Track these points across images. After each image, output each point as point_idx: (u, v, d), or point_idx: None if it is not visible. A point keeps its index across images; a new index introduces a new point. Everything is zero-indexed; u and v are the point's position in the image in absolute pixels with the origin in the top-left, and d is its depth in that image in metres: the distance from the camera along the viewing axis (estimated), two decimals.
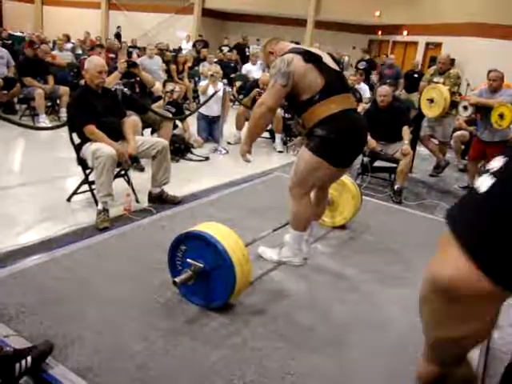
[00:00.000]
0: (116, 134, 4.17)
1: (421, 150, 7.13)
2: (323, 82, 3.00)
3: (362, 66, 12.21)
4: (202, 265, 2.67)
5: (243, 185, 5.33)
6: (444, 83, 6.29)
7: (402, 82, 11.42)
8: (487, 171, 0.61)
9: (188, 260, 2.71)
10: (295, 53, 3.04)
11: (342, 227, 4.26)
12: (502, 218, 0.56)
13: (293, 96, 3.08)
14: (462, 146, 7.47)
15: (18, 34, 15.10)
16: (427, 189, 6.17)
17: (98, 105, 4.10)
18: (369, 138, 5.53)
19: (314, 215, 3.56)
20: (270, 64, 3.23)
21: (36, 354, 2.08)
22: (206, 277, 2.69)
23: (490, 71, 5.85)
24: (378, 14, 16.89)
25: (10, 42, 11.97)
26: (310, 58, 3.02)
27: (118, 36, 17.82)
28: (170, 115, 6.21)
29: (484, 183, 0.59)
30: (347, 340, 2.62)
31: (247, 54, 13.87)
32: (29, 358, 2.03)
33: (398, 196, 5.36)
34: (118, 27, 18.96)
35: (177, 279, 2.62)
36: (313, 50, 3.17)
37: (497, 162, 0.60)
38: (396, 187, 5.40)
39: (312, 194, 3.49)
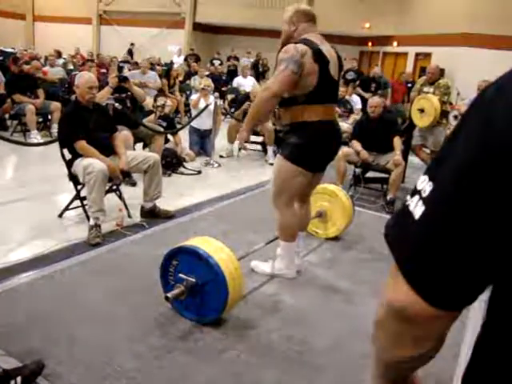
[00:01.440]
0: (107, 149, 4.16)
1: (413, 159, 7.15)
2: (314, 86, 2.96)
3: (349, 76, 12.12)
4: (194, 279, 2.66)
5: (236, 198, 5.33)
6: (434, 93, 6.34)
7: (389, 91, 11.45)
8: (419, 192, 0.63)
9: (180, 275, 2.69)
10: (309, 47, 2.93)
11: (335, 239, 4.26)
12: (433, 246, 0.59)
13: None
14: None
15: (10, 50, 15.10)
16: None
17: (89, 120, 4.09)
18: (360, 148, 5.56)
19: (302, 224, 3.54)
20: (283, 32, 3.16)
21: (26, 373, 2.05)
22: (199, 291, 2.68)
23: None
24: (367, 25, 17.03)
25: (1, 58, 11.97)
26: (319, 59, 2.94)
27: (130, 53, 17.54)
28: (162, 129, 6.21)
29: (417, 209, 0.61)
30: (342, 353, 2.61)
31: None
32: (18, 379, 2.01)
33: (391, 206, 5.36)
34: (132, 44, 18.72)
35: (169, 294, 2.61)
36: (325, 49, 3.03)
37: (425, 185, 0.62)
38: (389, 198, 5.40)
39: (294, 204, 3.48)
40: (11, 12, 22.37)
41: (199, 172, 6.40)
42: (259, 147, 7.79)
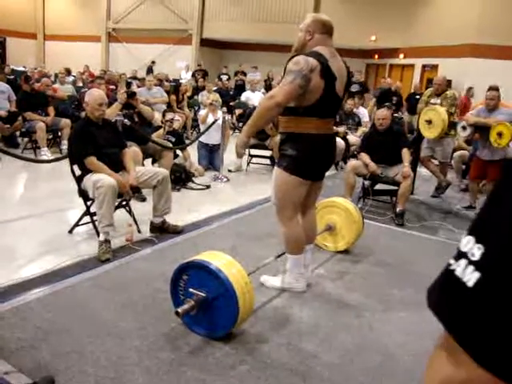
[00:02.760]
0: (117, 164, 4.20)
1: (421, 171, 7.14)
2: (316, 100, 2.97)
3: (354, 88, 12.13)
4: (204, 294, 2.66)
5: (245, 212, 5.33)
6: (441, 104, 6.34)
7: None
8: (465, 255, 0.58)
9: (190, 289, 2.69)
10: (319, 61, 2.95)
11: (345, 252, 4.25)
12: (498, 317, 0.54)
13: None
14: (463, 166, 7.49)
15: (21, 68, 15.32)
16: (429, 210, 6.15)
17: (98, 136, 4.13)
18: (369, 161, 5.56)
19: (308, 237, 3.52)
20: (298, 39, 3.18)
21: None
22: (209, 306, 2.67)
23: (489, 88, 5.90)
24: (373, 38, 17.12)
25: (12, 76, 12.13)
26: (326, 75, 2.95)
27: (150, 70, 17.56)
28: (171, 145, 6.25)
29: (468, 275, 0.56)
30: (352, 367, 2.59)
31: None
32: None
33: (400, 218, 5.34)
34: (153, 62, 18.81)
35: (179, 309, 2.60)
36: (335, 65, 3.05)
37: (473, 248, 0.57)
38: (398, 210, 5.38)
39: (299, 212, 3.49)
40: (23, 32, 22.77)
41: (208, 187, 6.42)
42: (267, 161, 7.81)
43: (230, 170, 7.39)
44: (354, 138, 8.07)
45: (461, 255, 0.59)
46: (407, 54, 16.59)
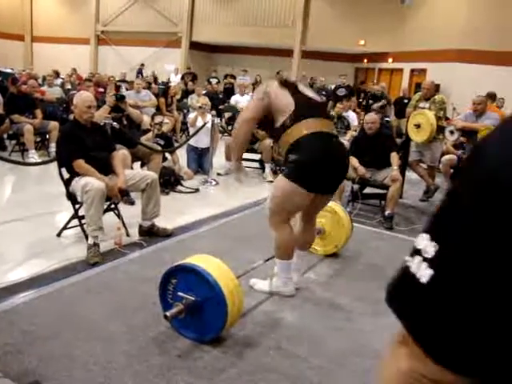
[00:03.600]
0: (105, 168, 4.17)
1: (410, 175, 7.18)
2: (294, 106, 3.11)
3: (340, 92, 12.16)
4: (193, 298, 2.65)
5: (234, 216, 5.33)
6: (429, 109, 6.39)
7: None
8: (419, 252, 0.59)
9: (179, 293, 2.68)
10: (275, 79, 3.33)
11: (334, 255, 4.26)
12: (448, 313, 0.56)
13: (269, 122, 3.24)
14: (451, 170, 7.54)
15: (8, 70, 15.20)
16: (418, 214, 6.19)
17: (87, 139, 4.11)
18: (358, 164, 5.58)
19: (303, 244, 3.55)
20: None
21: None
22: (198, 309, 2.67)
23: (487, 95, 5.98)
24: (362, 42, 17.22)
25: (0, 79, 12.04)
26: (285, 83, 3.20)
27: (140, 72, 17.38)
28: (159, 148, 6.23)
29: (422, 272, 0.57)
30: (342, 371, 2.59)
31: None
32: None
33: (389, 222, 5.37)
34: (142, 65, 18.72)
35: (168, 313, 2.59)
36: (291, 80, 3.39)
37: (427, 245, 0.58)
38: (387, 213, 5.41)
39: (298, 223, 3.50)
40: (10, 33, 22.59)
41: (197, 190, 6.40)
42: (257, 165, 7.81)
43: (219, 174, 7.37)
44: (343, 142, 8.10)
45: (416, 252, 0.60)
46: (396, 58, 16.72)
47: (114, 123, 5.47)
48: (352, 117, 9.39)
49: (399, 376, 0.62)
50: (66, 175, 4.17)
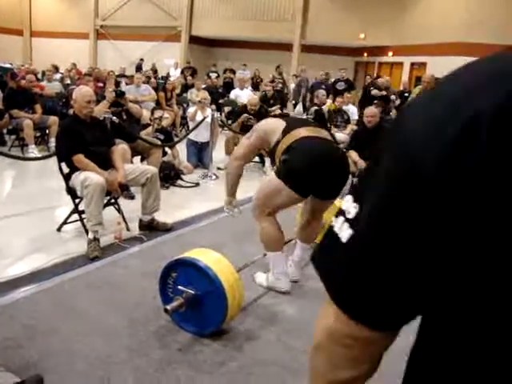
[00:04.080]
0: (105, 162, 4.17)
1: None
2: (284, 124, 3.24)
3: (340, 86, 12.09)
4: (193, 291, 2.65)
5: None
6: None
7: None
8: (343, 213, 0.61)
9: (179, 287, 2.69)
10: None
11: None
12: (362, 269, 0.58)
13: (267, 149, 3.41)
14: None
15: (7, 65, 15.16)
16: None
17: (86, 134, 4.10)
18: (358, 158, 5.58)
19: (306, 237, 3.55)
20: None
21: None
22: (198, 303, 2.67)
23: None
24: (362, 36, 17.17)
25: None
26: (277, 115, 3.40)
27: (139, 68, 17.28)
28: (159, 142, 6.23)
29: (343, 232, 0.60)
30: None
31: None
32: None
33: None
34: (141, 60, 18.62)
35: (168, 307, 2.60)
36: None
37: (350, 207, 0.60)
38: None
39: (304, 216, 3.51)
40: (9, 28, 22.52)
41: (197, 184, 6.41)
42: (257, 158, 7.80)
43: (219, 168, 7.37)
44: (342, 136, 8.08)
45: (340, 213, 0.62)
46: (396, 51, 16.67)
47: (114, 118, 5.46)
48: (352, 110, 9.35)
49: (326, 333, 0.66)
50: (66, 170, 4.17)
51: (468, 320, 0.55)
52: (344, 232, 0.60)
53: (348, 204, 0.61)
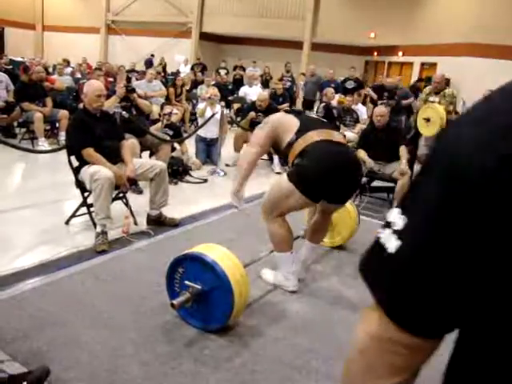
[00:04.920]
0: (114, 156, 4.19)
1: (419, 169, 7.13)
2: (298, 124, 3.17)
3: (349, 85, 12.04)
4: (199, 286, 2.66)
5: (242, 206, 5.32)
6: (439, 102, 6.36)
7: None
8: (389, 224, 0.63)
9: (186, 282, 2.70)
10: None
11: (341, 247, 4.26)
12: (410, 281, 0.60)
13: (278, 146, 3.29)
14: None
15: (19, 59, 15.25)
16: None
17: (96, 128, 4.12)
18: (366, 157, 5.57)
19: (313, 236, 3.56)
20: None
21: (32, 379, 2.05)
22: (205, 299, 2.68)
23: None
24: (373, 35, 17.08)
25: (10, 67, 12.08)
26: (290, 111, 3.39)
27: (150, 63, 17.21)
28: (168, 138, 6.24)
29: (390, 243, 0.62)
30: None
31: None
32: None
33: None
34: (152, 55, 18.57)
35: (174, 302, 2.61)
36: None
37: (397, 219, 0.62)
38: (395, 207, 5.38)
39: (315, 214, 3.51)
40: (21, 22, 22.64)
41: (205, 180, 6.42)
42: (265, 156, 7.80)
43: (227, 165, 7.38)
44: (351, 135, 8.07)
45: (387, 225, 0.64)
46: (406, 51, 16.58)
47: (124, 112, 5.48)
48: (361, 110, 9.33)
49: (369, 339, 0.67)
50: (76, 163, 4.19)
51: (507, 335, 0.57)
52: (391, 243, 0.62)
53: (395, 216, 0.63)
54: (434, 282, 0.59)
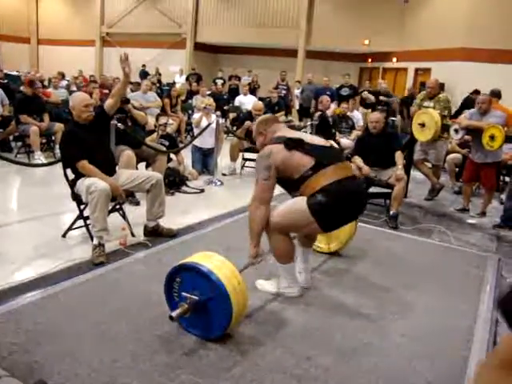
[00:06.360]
0: (110, 168, 4.19)
1: (415, 174, 7.16)
2: (312, 160, 3.09)
3: (344, 92, 12.09)
4: (197, 297, 2.66)
5: (239, 215, 5.32)
6: (434, 107, 6.38)
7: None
8: None
9: (183, 293, 2.69)
10: (277, 143, 3.18)
11: (339, 255, 4.25)
12: None
13: (284, 178, 3.19)
14: (456, 169, 7.53)
15: (14, 73, 15.28)
16: (423, 213, 6.17)
17: (89, 139, 4.08)
18: (362, 164, 5.58)
19: (305, 241, 3.56)
20: (258, 145, 3.45)
21: None
22: (203, 308, 2.67)
23: (491, 93, 5.98)
24: (367, 42, 17.17)
25: (5, 81, 12.10)
26: (291, 144, 3.12)
27: (145, 74, 17.10)
28: (164, 148, 6.25)
29: None
30: (348, 369, 2.59)
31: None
32: None
33: (394, 221, 5.35)
34: (143, 66, 18.57)
35: (173, 314, 2.61)
36: (294, 134, 3.28)
37: None
38: (391, 212, 5.40)
39: None
40: (16, 36, 22.73)
41: (202, 190, 6.42)
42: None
43: (224, 174, 7.39)
44: (347, 142, 8.09)
45: None
46: (400, 57, 16.66)
47: (119, 124, 5.49)
48: (357, 116, 9.36)
49: None
50: (71, 176, 4.19)
51: None
52: None
53: None
54: None
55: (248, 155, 7.66)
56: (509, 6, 12.53)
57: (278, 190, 3.33)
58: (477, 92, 9.64)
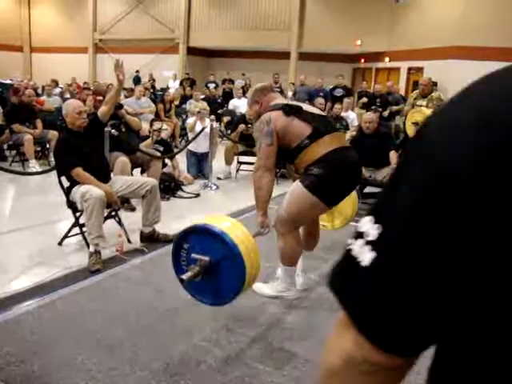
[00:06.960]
0: (104, 174, 4.19)
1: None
2: (310, 128, 3.08)
3: (338, 93, 12.13)
4: (208, 258, 2.48)
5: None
6: (427, 106, 6.40)
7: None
8: (362, 235, 0.58)
9: (193, 255, 2.51)
10: (274, 109, 3.15)
11: (336, 254, 4.23)
12: (388, 292, 0.55)
13: (282, 148, 3.15)
14: None
15: (8, 81, 15.25)
16: None
17: (83, 146, 4.09)
18: None
19: (309, 244, 3.57)
20: (252, 113, 3.41)
21: None
22: (215, 271, 2.49)
23: None
24: (359, 42, 17.22)
25: None
26: (290, 110, 3.12)
27: (137, 80, 17.00)
28: (159, 154, 6.25)
29: (364, 254, 0.57)
30: None
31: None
32: None
33: None
34: (137, 71, 18.51)
35: (184, 276, 2.43)
36: (291, 103, 3.27)
37: (370, 228, 0.57)
38: None
39: (306, 228, 3.52)
40: (9, 45, 22.70)
41: (198, 195, 6.42)
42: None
43: (219, 178, 7.39)
44: None
45: (358, 235, 0.59)
46: (392, 57, 16.71)
47: (113, 131, 5.48)
48: (352, 117, 9.38)
49: (342, 361, 0.62)
50: (66, 184, 4.18)
51: (487, 348, 0.53)
52: (365, 255, 0.56)
53: (368, 226, 0.58)
54: (414, 295, 0.54)
55: (243, 159, 7.66)
56: (501, 4, 12.59)
57: (278, 191, 3.33)
58: None
